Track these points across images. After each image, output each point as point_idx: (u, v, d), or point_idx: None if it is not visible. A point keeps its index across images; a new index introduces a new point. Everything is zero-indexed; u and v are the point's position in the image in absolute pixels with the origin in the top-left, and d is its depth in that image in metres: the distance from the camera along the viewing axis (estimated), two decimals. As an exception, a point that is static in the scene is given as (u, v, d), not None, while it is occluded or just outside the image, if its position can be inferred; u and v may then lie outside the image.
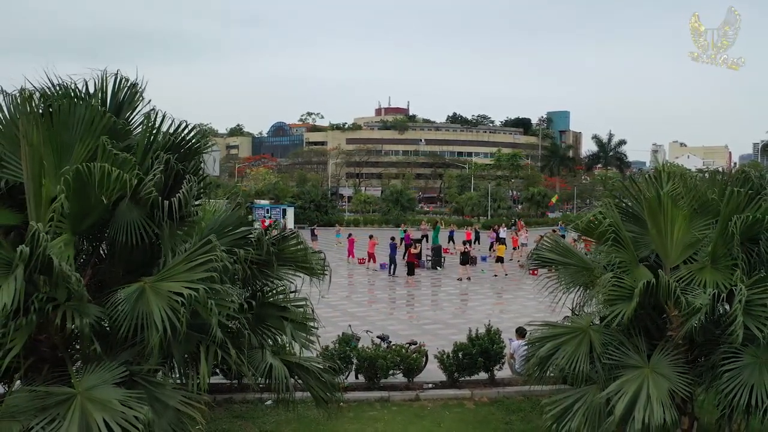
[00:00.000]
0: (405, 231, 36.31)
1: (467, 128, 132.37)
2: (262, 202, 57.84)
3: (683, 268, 8.13)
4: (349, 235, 34.47)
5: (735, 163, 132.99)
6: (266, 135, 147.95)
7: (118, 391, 5.97)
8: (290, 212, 55.39)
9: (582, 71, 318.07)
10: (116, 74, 7.68)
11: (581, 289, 8.86)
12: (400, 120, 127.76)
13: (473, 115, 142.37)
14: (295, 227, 50.23)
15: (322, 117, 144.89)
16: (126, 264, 7.16)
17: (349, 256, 32.53)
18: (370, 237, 31.43)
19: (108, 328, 6.57)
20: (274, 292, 8.21)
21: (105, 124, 7.11)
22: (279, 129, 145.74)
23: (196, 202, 7.85)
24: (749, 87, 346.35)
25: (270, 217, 49.87)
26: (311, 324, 8.18)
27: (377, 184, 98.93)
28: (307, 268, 8.35)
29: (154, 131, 7.27)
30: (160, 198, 6.57)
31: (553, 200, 65.15)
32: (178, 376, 7.09)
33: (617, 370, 7.74)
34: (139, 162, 6.83)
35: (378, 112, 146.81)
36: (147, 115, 7.40)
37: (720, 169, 9.08)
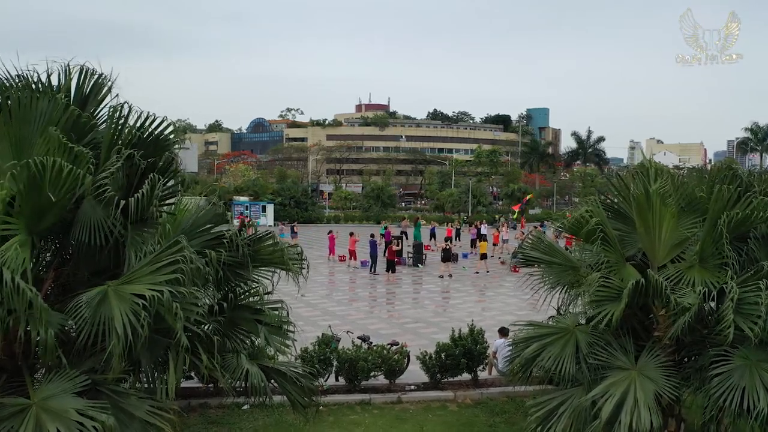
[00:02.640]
0: (386, 228, 36.03)
1: (447, 125, 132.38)
2: (242, 198, 57.13)
3: (671, 267, 7.95)
4: (330, 232, 34.09)
5: (710, 160, 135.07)
6: (245, 131, 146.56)
7: (77, 400, 5.61)
8: (270, 209, 54.92)
9: (561, 69, 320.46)
10: (82, 66, 7.27)
11: (566, 288, 8.66)
12: (381, 116, 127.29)
13: (454, 112, 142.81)
14: (275, 224, 49.47)
15: (302, 113, 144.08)
16: (91, 266, 6.75)
17: (330, 253, 32.20)
18: (351, 234, 31.11)
19: (72, 335, 6.19)
20: (248, 294, 7.86)
21: (68, 118, 6.71)
22: (258, 125, 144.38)
23: (169, 201, 7.44)
24: (723, 86, 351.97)
25: (248, 215, 49.32)
26: (287, 327, 7.85)
27: (358, 180, 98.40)
28: (284, 268, 8.01)
29: (120, 125, 6.84)
30: (116, 197, 6.17)
31: (528, 197, 65.35)
32: (147, 382, 6.72)
33: (603, 371, 7.54)
34: (103, 158, 6.43)
35: (358, 108, 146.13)
36: (113, 109, 6.97)
37: (706, 166, 8.93)
